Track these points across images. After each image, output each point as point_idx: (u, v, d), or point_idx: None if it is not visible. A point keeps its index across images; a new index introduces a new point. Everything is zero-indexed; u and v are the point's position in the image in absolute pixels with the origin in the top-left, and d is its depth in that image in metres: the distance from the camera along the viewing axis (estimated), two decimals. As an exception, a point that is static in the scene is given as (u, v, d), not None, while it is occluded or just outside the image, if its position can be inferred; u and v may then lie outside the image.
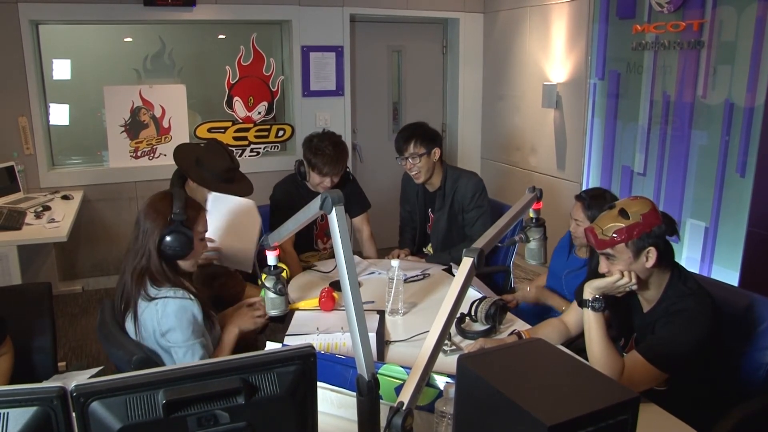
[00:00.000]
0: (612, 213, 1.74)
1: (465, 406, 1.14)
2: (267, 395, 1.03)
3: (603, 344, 1.74)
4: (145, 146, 4.62)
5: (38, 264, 4.39)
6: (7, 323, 1.93)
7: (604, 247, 1.74)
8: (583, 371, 1.14)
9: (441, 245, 2.98)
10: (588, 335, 1.77)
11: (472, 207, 2.90)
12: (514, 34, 5.02)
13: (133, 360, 1.69)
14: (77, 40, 4.71)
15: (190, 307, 1.80)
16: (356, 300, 1.28)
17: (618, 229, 1.71)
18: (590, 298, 1.77)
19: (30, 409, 0.92)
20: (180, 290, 1.81)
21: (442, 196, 2.94)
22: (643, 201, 1.75)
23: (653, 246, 1.70)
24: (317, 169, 2.79)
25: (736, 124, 3.18)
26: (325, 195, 1.33)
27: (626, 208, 1.72)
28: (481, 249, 1.46)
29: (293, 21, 4.81)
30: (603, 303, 1.76)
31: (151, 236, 1.81)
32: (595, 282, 1.78)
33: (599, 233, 1.74)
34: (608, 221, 1.73)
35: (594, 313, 1.76)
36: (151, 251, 1.81)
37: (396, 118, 5.59)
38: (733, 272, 3.21)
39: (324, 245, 3.01)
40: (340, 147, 2.84)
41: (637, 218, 1.70)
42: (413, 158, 2.84)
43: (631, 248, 1.71)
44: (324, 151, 2.77)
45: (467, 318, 2.20)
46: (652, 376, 1.70)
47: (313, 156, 2.79)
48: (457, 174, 2.95)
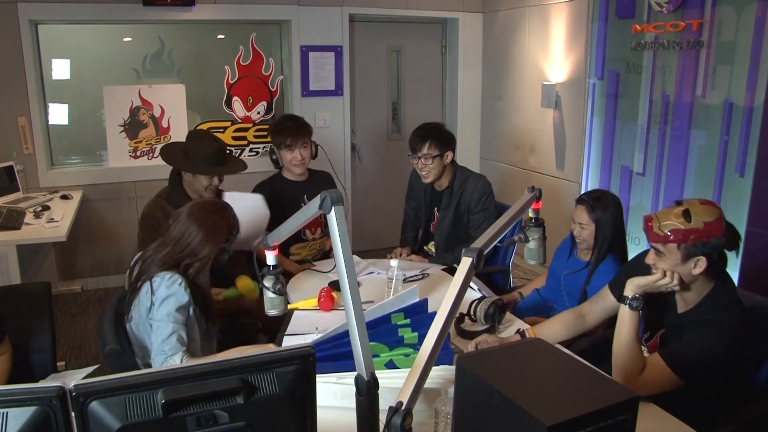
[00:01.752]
0: (676, 210, 1.69)
1: (464, 406, 1.14)
2: (266, 395, 1.03)
3: (631, 342, 1.72)
4: (144, 146, 4.61)
5: (37, 264, 4.39)
6: (5, 323, 1.93)
7: (656, 241, 1.70)
8: (583, 371, 1.14)
9: (444, 244, 2.98)
10: (619, 329, 1.75)
11: (478, 209, 2.91)
12: (514, 34, 5.02)
13: (105, 350, 1.72)
14: (76, 40, 4.70)
15: (181, 295, 1.84)
16: (355, 300, 1.28)
17: (675, 228, 1.66)
18: (630, 295, 1.74)
19: (29, 409, 0.92)
20: (180, 278, 1.86)
21: (449, 195, 2.96)
22: (711, 208, 1.68)
23: (705, 255, 1.66)
24: (284, 146, 2.94)
25: (736, 124, 3.18)
26: (324, 195, 1.33)
27: (691, 211, 1.66)
28: (480, 249, 1.46)
29: (292, 21, 4.81)
30: (641, 303, 1.73)
31: (203, 246, 1.91)
32: (637, 279, 1.75)
33: (656, 226, 1.69)
34: (669, 217, 1.68)
35: (630, 311, 1.74)
36: (200, 258, 1.90)
37: (395, 118, 5.59)
38: (733, 272, 3.21)
39: (313, 235, 3.04)
40: (299, 120, 3.03)
41: (698, 224, 1.64)
42: (425, 158, 2.86)
43: (682, 251, 1.66)
44: (285, 125, 2.95)
45: (466, 318, 2.20)
46: (669, 380, 1.68)
47: (276, 135, 2.96)
48: (467, 175, 2.98)
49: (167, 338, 1.77)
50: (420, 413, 1.54)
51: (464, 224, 2.95)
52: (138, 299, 1.87)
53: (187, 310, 1.85)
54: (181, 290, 1.84)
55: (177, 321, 1.81)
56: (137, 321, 1.88)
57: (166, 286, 1.83)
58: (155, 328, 1.80)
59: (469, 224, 2.94)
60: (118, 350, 1.74)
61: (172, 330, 1.78)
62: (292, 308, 2.30)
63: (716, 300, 1.72)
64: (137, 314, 1.87)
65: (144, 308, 1.84)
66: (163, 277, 1.84)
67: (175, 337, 1.77)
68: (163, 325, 1.79)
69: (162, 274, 1.85)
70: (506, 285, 3.07)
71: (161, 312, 1.80)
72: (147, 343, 1.86)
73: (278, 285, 1.79)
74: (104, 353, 1.73)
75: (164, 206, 2.60)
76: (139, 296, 1.86)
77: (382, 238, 5.23)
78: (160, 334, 1.78)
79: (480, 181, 2.96)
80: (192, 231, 1.90)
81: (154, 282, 1.84)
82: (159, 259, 1.90)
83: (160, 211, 2.58)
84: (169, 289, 1.83)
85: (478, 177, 2.99)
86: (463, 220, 2.95)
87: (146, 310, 1.83)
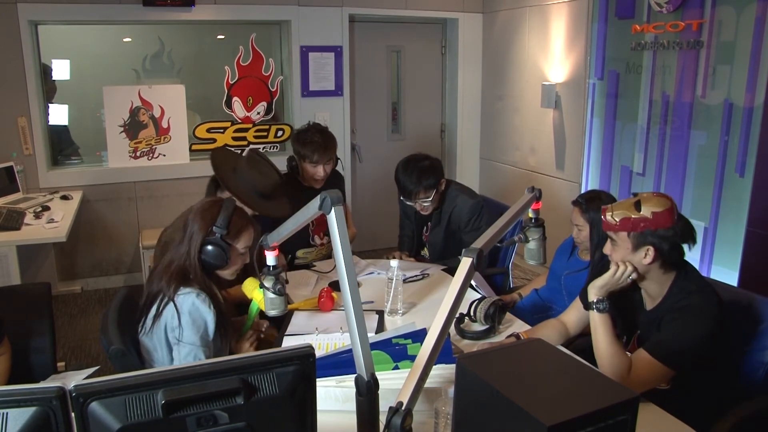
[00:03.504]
0: (629, 201, 1.76)
1: (464, 406, 1.14)
2: (266, 395, 1.03)
3: (610, 344, 1.74)
4: (144, 146, 4.61)
5: (37, 264, 4.39)
6: (5, 323, 1.93)
7: (608, 229, 1.78)
8: (583, 371, 1.14)
9: (438, 258, 2.94)
10: (595, 336, 1.77)
11: (468, 230, 2.84)
12: (514, 34, 5.02)
13: (110, 350, 1.70)
14: (76, 41, 4.71)
15: (206, 314, 1.81)
16: (355, 300, 1.28)
17: (624, 217, 1.73)
18: (594, 299, 1.78)
19: (29, 409, 0.92)
20: (204, 295, 1.82)
21: (439, 215, 2.90)
22: (663, 200, 1.74)
23: (653, 245, 1.71)
24: (308, 159, 2.80)
25: (736, 124, 3.18)
26: (324, 195, 1.33)
27: (643, 202, 1.73)
28: (480, 249, 1.46)
29: (292, 21, 4.81)
30: (607, 304, 1.78)
31: (194, 241, 1.84)
32: (597, 281, 1.80)
33: (609, 216, 1.76)
34: (622, 207, 1.75)
35: (599, 314, 1.77)
36: (192, 255, 1.84)
37: (395, 118, 5.59)
38: (733, 272, 3.21)
39: (321, 240, 3.01)
40: (327, 134, 2.86)
41: (647, 214, 1.70)
42: (424, 201, 2.79)
43: (631, 240, 1.73)
44: (312, 139, 2.79)
45: (466, 318, 2.20)
46: (660, 373, 1.69)
47: (302, 147, 2.81)
48: (456, 194, 2.89)
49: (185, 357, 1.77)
50: (420, 413, 1.54)
51: (457, 240, 2.88)
52: (159, 317, 1.82)
53: (211, 330, 1.83)
54: (206, 308, 1.80)
55: (204, 345, 1.80)
56: (156, 334, 1.83)
57: (192, 304, 1.79)
58: (181, 348, 1.78)
59: (462, 244, 2.84)
60: (123, 350, 1.73)
61: (195, 356, 1.78)
62: (292, 308, 2.30)
63: (682, 287, 1.77)
64: (157, 329, 1.82)
65: (167, 325, 1.81)
66: (187, 295, 1.80)
67: (191, 357, 1.77)
68: (189, 348, 1.78)
69: (186, 291, 1.81)
70: (506, 286, 3.07)
71: (189, 335, 1.78)
72: (161, 354, 1.84)
73: (278, 285, 1.79)
74: (109, 353, 1.72)
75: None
76: (161, 315, 1.82)
77: (382, 239, 5.24)
78: (184, 355, 1.78)
79: (468, 202, 2.86)
80: (189, 225, 1.87)
81: (177, 300, 1.80)
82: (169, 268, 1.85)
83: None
84: (197, 310, 1.79)
85: (469, 196, 2.89)
86: (456, 237, 2.89)
87: (171, 328, 1.80)
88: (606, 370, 1.71)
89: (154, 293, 1.84)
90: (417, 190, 2.75)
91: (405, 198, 2.82)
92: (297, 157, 2.88)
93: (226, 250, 1.85)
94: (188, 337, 1.79)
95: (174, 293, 1.81)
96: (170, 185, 4.69)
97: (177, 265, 1.85)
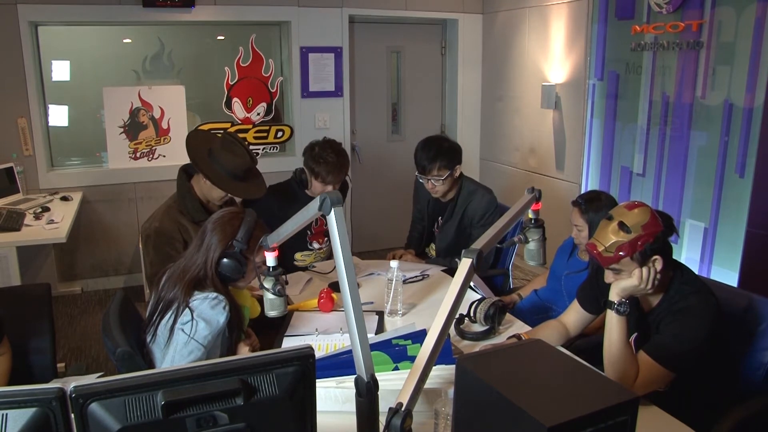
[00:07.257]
0: (611, 226, 1.69)
1: (464, 407, 1.14)
2: (266, 396, 1.03)
3: (623, 347, 1.72)
4: (144, 147, 4.62)
5: (37, 265, 4.39)
6: (5, 324, 1.93)
7: (610, 263, 1.71)
8: (583, 372, 1.14)
9: (445, 253, 2.94)
10: (608, 337, 1.74)
11: (482, 224, 2.84)
12: (513, 34, 5.02)
13: (117, 352, 1.69)
14: (76, 42, 4.71)
15: (222, 319, 1.79)
16: (355, 301, 1.28)
17: (621, 245, 1.67)
18: (616, 300, 1.73)
19: (29, 410, 0.92)
20: (223, 298, 1.81)
21: (453, 208, 2.90)
22: (641, 210, 1.70)
23: (657, 253, 1.68)
24: (320, 178, 2.73)
25: (736, 125, 3.18)
26: (324, 196, 1.33)
27: (625, 221, 1.68)
28: (480, 250, 1.46)
29: (292, 22, 4.81)
30: (628, 306, 1.73)
31: (212, 252, 1.83)
32: (621, 283, 1.73)
33: (602, 250, 1.70)
34: (609, 236, 1.68)
35: (618, 316, 1.73)
36: (209, 266, 1.83)
37: (395, 119, 5.59)
38: (733, 273, 3.21)
39: (320, 245, 3.00)
40: (343, 155, 2.78)
41: (638, 231, 1.66)
42: (436, 180, 2.79)
43: (636, 260, 1.68)
44: (327, 159, 2.70)
45: (466, 319, 2.20)
46: (661, 376, 1.69)
47: (315, 164, 2.72)
48: (473, 188, 2.90)
49: (186, 357, 1.76)
50: (420, 414, 1.54)
51: (467, 236, 2.88)
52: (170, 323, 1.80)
53: (220, 334, 1.82)
54: (222, 312, 1.79)
55: (207, 345, 1.78)
56: (168, 342, 1.81)
57: (209, 306, 1.78)
58: (182, 338, 1.76)
59: (470, 238, 2.85)
60: (130, 352, 1.72)
61: (196, 357, 1.76)
62: (292, 309, 2.30)
63: (679, 288, 1.76)
64: (170, 337, 1.80)
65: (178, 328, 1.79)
66: (205, 297, 1.79)
67: (192, 358, 1.76)
68: (192, 344, 1.75)
69: (202, 296, 1.80)
70: (506, 286, 3.07)
71: (199, 332, 1.76)
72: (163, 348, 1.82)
73: (278, 286, 1.79)
74: (116, 355, 1.70)
75: (178, 218, 2.45)
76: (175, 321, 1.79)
77: (382, 240, 5.24)
78: (182, 350, 1.76)
79: (485, 196, 2.88)
80: (208, 235, 1.86)
81: (192, 304, 1.78)
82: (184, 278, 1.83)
83: (174, 224, 2.42)
84: (212, 310, 1.78)
85: (485, 192, 2.90)
86: (466, 233, 2.89)
87: (181, 322, 1.77)
88: (613, 372, 1.71)
89: (168, 301, 1.82)
90: (431, 166, 2.77)
91: (419, 173, 2.84)
92: (308, 172, 2.79)
93: (243, 265, 1.83)
94: (198, 334, 1.77)
95: (189, 299, 1.79)
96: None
97: (192, 275, 1.83)
